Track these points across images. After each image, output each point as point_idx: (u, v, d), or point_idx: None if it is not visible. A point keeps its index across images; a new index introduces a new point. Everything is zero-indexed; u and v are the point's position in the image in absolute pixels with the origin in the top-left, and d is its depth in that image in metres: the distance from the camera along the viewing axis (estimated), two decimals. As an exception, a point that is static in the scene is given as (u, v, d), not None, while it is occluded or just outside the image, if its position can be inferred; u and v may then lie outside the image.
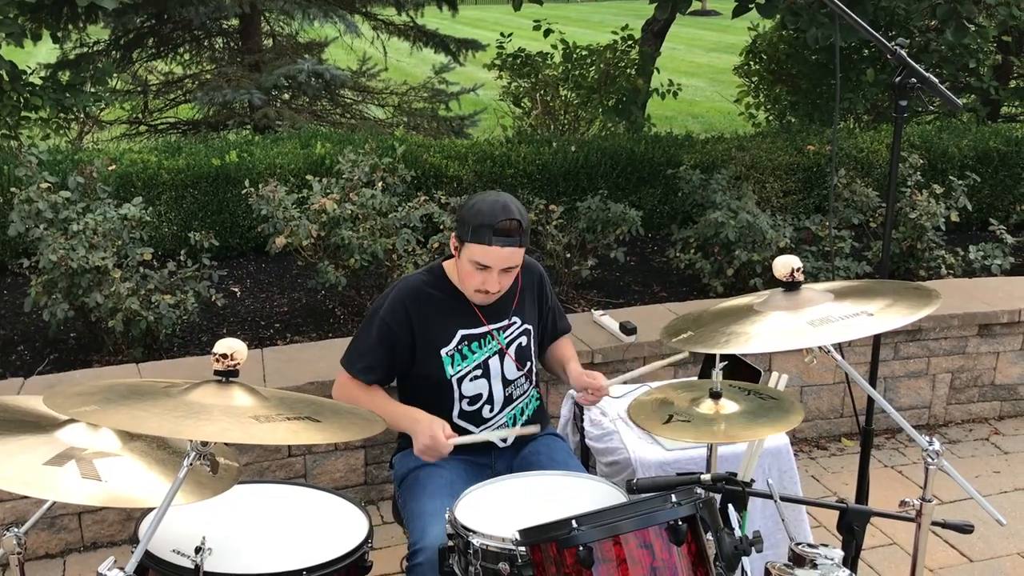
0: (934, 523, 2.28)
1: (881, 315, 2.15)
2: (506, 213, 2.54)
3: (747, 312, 2.31)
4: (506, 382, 2.74)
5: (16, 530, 2.03)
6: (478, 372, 2.72)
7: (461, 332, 2.70)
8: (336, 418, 1.97)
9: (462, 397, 2.72)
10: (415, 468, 2.70)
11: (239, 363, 1.84)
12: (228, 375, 1.84)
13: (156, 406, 1.79)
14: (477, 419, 2.73)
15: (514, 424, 2.78)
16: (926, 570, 3.45)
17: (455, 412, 2.71)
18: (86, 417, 1.73)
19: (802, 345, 2.13)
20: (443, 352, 2.68)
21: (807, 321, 2.18)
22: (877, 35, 2.61)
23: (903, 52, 2.51)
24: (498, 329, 2.74)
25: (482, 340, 2.72)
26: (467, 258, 2.60)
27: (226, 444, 3.55)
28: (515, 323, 2.78)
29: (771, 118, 8.02)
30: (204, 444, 1.80)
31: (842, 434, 4.48)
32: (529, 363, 2.80)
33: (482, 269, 2.59)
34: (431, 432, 2.54)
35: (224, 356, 1.82)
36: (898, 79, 2.52)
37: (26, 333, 4.58)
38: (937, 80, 2.55)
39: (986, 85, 7.27)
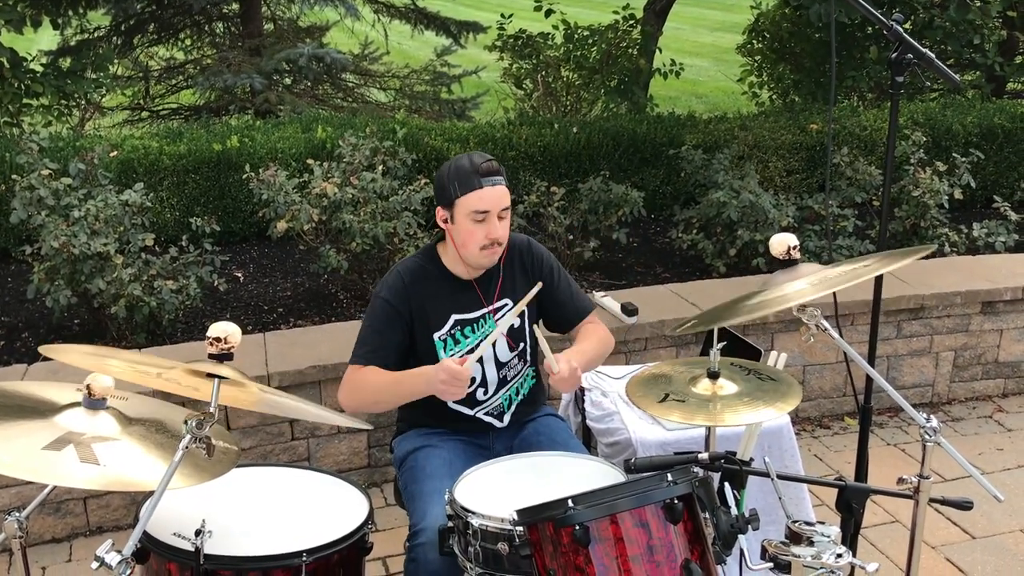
0: (933, 500, 2.28)
1: (878, 263, 2.16)
2: (482, 157, 2.59)
3: (749, 297, 2.32)
4: (499, 364, 2.73)
5: (17, 515, 2.04)
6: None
7: (455, 317, 2.69)
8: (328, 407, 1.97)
9: None
10: (414, 450, 2.71)
11: (233, 346, 1.85)
12: (222, 358, 1.84)
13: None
14: (471, 402, 2.72)
15: (509, 405, 2.78)
16: (928, 547, 3.46)
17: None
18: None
19: (805, 300, 2.13)
20: (436, 337, 2.68)
21: (808, 283, 2.19)
22: (873, 11, 2.59)
23: (900, 28, 2.49)
24: (490, 312, 2.73)
25: (475, 324, 2.71)
26: (463, 214, 2.57)
27: (227, 427, 3.57)
28: (507, 304, 2.77)
29: (774, 97, 7.97)
30: (199, 427, 1.81)
31: (845, 413, 4.48)
32: (523, 344, 2.78)
33: (481, 219, 2.57)
34: (444, 371, 2.42)
35: (218, 339, 1.82)
36: (894, 55, 2.50)
37: (30, 320, 4.60)
38: (935, 56, 2.53)
39: (991, 61, 7.20)
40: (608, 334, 2.90)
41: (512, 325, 2.76)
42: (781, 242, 2.28)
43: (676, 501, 1.94)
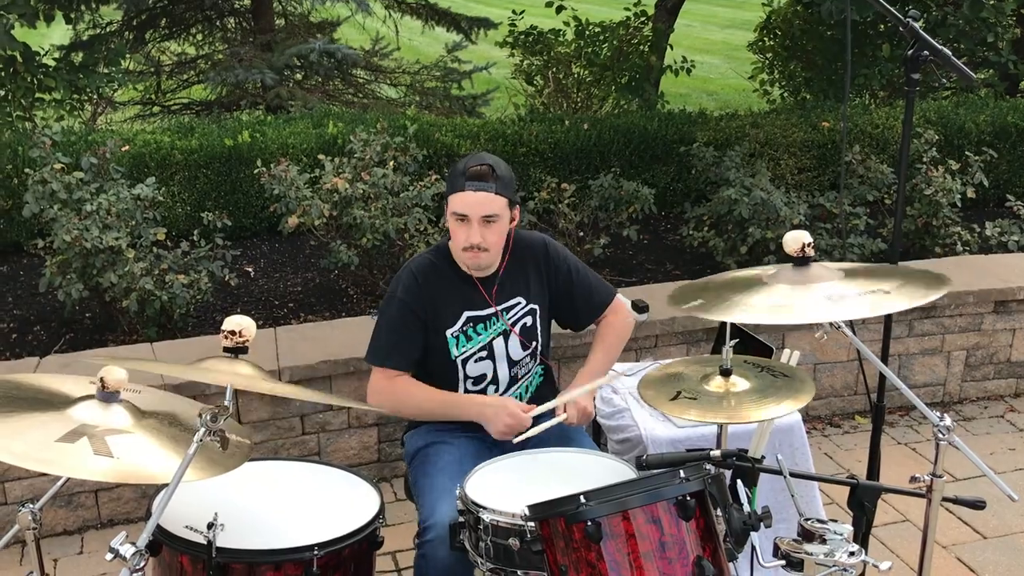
0: (945, 499, 2.27)
1: (898, 292, 2.13)
2: (477, 160, 2.59)
3: (756, 283, 2.29)
4: (511, 362, 2.74)
5: (31, 506, 2.05)
6: (483, 353, 2.71)
7: (467, 313, 2.70)
8: (344, 393, 1.97)
9: (467, 377, 2.72)
10: (425, 446, 2.71)
11: (248, 340, 1.85)
12: (237, 351, 1.84)
13: (169, 367, 1.77)
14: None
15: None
16: (939, 547, 3.44)
17: (460, 392, 2.72)
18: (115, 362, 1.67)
19: (821, 319, 2.11)
20: (448, 333, 2.68)
21: (825, 296, 2.16)
22: (889, 7, 2.58)
23: (916, 25, 2.48)
24: (504, 310, 2.74)
25: (487, 322, 2.72)
26: (449, 213, 2.61)
27: (239, 421, 3.58)
28: (519, 303, 2.76)
29: (786, 95, 7.95)
30: (214, 420, 1.81)
31: (856, 411, 4.47)
32: (535, 343, 2.79)
33: (462, 221, 2.58)
34: (508, 411, 2.57)
35: (233, 332, 1.83)
36: (910, 52, 2.49)
37: (42, 313, 4.61)
38: (951, 53, 2.52)
39: (1004, 59, 7.17)
40: (623, 326, 2.93)
41: (524, 324, 2.76)
42: (795, 239, 2.27)
43: (688, 498, 1.94)
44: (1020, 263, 4.83)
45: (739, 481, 2.25)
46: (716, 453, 2.22)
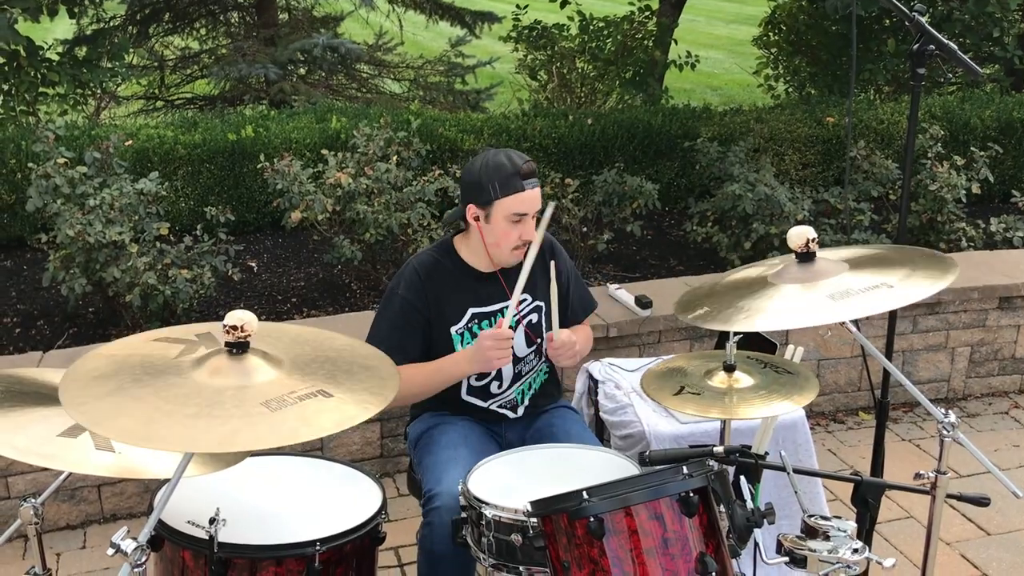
0: (949, 496, 2.27)
1: (902, 285, 2.11)
2: (521, 158, 2.60)
3: (762, 285, 2.28)
4: (515, 359, 2.72)
5: (33, 500, 2.05)
6: None
7: (471, 310, 2.69)
8: (350, 383, 1.94)
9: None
10: (428, 429, 2.71)
11: (250, 335, 1.84)
12: (239, 347, 1.84)
13: (169, 398, 1.73)
14: (485, 394, 2.73)
15: (523, 399, 2.77)
16: (943, 544, 3.44)
17: (463, 388, 2.71)
18: (96, 427, 1.67)
19: (824, 321, 2.10)
20: (453, 330, 2.67)
21: (827, 295, 2.15)
22: (895, 2, 2.56)
23: (922, 19, 2.46)
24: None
25: (492, 318, 2.71)
26: (501, 216, 2.57)
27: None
28: (526, 299, 2.76)
29: (790, 90, 7.93)
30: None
31: (859, 408, 4.46)
32: (539, 339, 2.78)
33: (518, 221, 2.57)
34: (485, 336, 2.51)
35: (234, 328, 1.82)
36: (916, 46, 2.48)
37: (45, 308, 4.62)
38: (957, 48, 2.51)
39: (1010, 54, 7.15)
40: (588, 338, 2.95)
41: (531, 320, 2.75)
42: (800, 235, 2.26)
43: (691, 494, 1.93)
44: (1025, 259, 4.82)
45: (742, 477, 2.25)
46: (719, 449, 2.21)
